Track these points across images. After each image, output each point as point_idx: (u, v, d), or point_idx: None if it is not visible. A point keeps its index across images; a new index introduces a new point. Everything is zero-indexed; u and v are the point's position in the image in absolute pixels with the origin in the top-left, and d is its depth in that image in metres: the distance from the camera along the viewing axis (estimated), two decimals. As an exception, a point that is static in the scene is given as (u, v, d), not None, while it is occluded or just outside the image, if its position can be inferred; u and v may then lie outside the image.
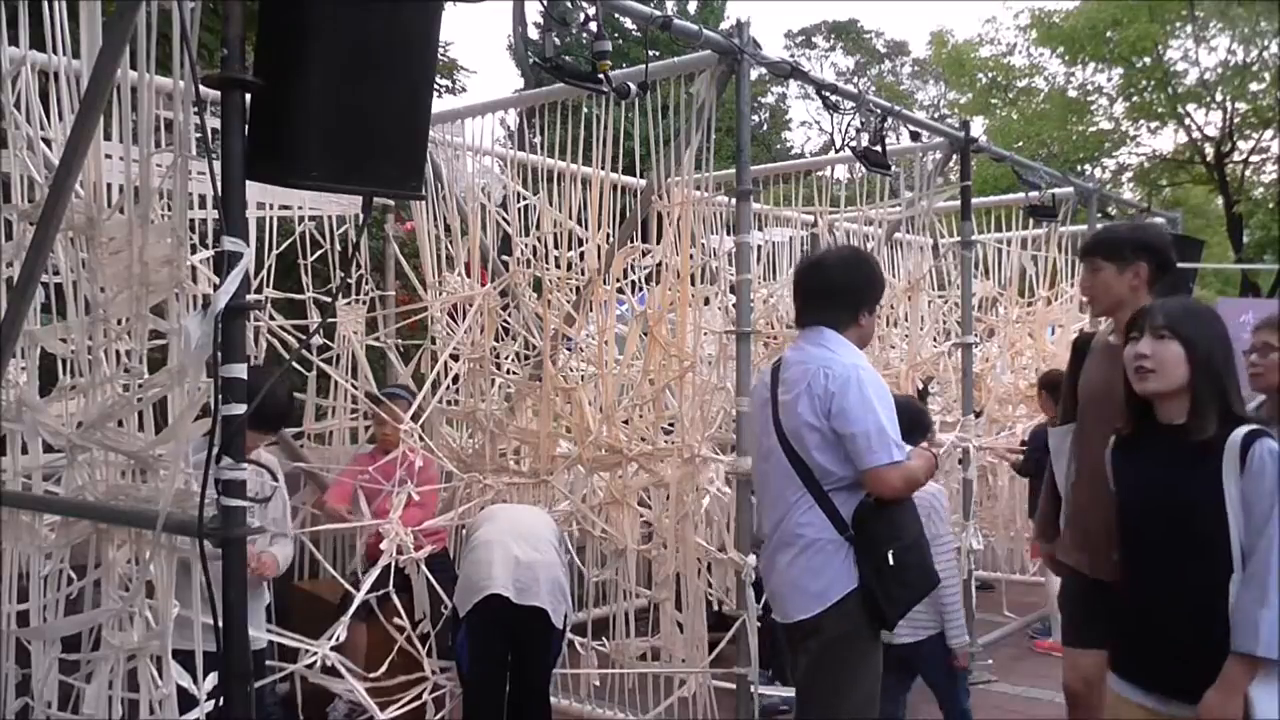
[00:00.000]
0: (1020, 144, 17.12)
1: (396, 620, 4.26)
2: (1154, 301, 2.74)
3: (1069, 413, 3.45)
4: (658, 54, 4.64)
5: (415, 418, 4.72)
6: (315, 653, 3.67)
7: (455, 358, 4.86)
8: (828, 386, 3.00)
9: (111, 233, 2.74)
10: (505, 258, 5.04)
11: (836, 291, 3.19)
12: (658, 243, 4.55)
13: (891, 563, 3.00)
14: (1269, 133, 17.03)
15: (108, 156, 2.92)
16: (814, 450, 3.04)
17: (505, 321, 4.93)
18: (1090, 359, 3.37)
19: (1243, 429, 2.40)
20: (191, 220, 4.06)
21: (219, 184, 2.17)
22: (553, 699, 4.28)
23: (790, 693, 4.81)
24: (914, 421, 3.70)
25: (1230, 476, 2.36)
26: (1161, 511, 2.50)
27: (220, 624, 2.15)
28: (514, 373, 4.92)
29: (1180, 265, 7.55)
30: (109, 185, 2.97)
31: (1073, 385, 3.46)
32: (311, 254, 5.30)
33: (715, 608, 4.52)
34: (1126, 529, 2.62)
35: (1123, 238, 3.31)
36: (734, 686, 4.05)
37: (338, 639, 3.78)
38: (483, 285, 4.92)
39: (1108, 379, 2.93)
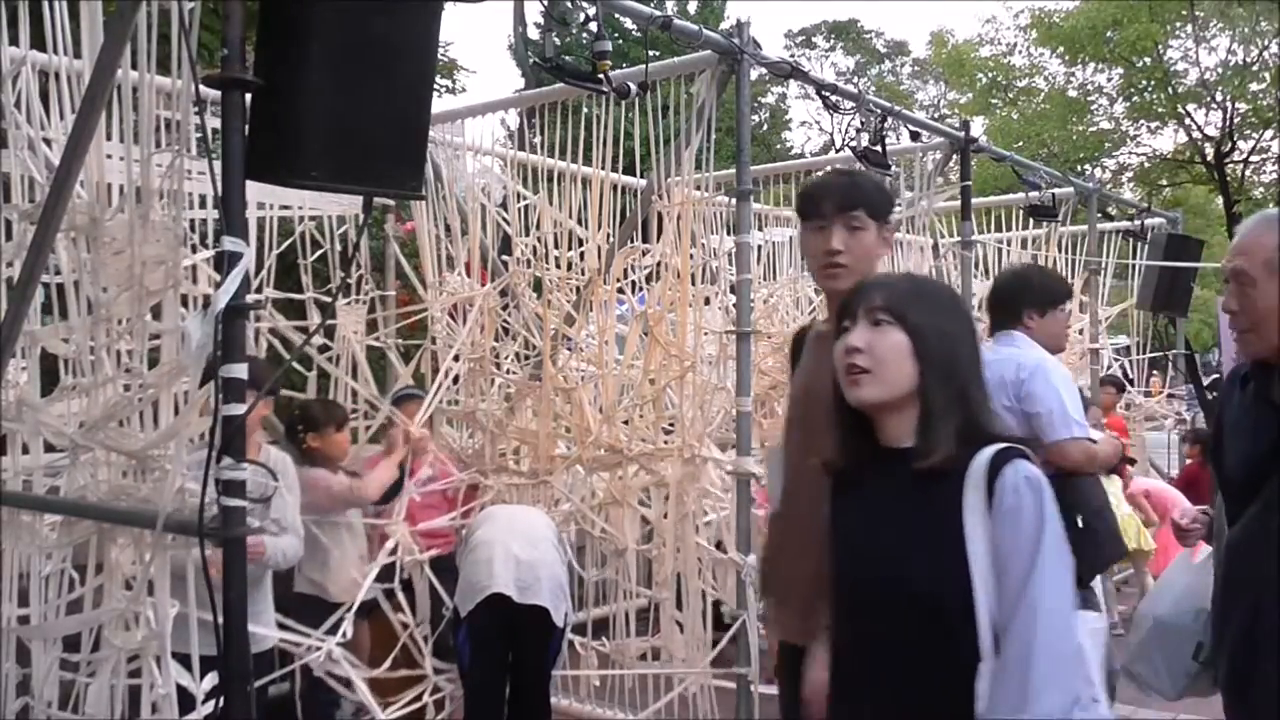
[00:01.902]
0: (1020, 144, 17.13)
1: (400, 616, 4.26)
2: (871, 278, 1.97)
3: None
4: (658, 54, 4.65)
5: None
6: (318, 650, 3.66)
7: (455, 358, 4.86)
8: (1018, 374, 3.40)
9: (114, 233, 2.75)
10: (505, 258, 5.05)
11: (1000, 300, 3.68)
12: (658, 243, 4.55)
13: (1080, 526, 3.34)
14: (1269, 133, 17.04)
15: (109, 156, 2.92)
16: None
17: (505, 321, 4.93)
18: (806, 356, 2.54)
19: (991, 449, 1.68)
20: (191, 220, 4.06)
21: (219, 184, 2.17)
22: (553, 699, 4.28)
23: None
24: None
25: (974, 514, 1.64)
26: (881, 575, 1.75)
27: (220, 623, 2.15)
28: (514, 373, 4.92)
29: (1180, 265, 7.61)
30: (110, 185, 2.97)
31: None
32: (311, 254, 5.30)
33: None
34: (840, 597, 1.87)
35: (882, 188, 2.54)
36: (734, 686, 4.05)
37: (343, 635, 3.78)
38: (483, 285, 4.93)
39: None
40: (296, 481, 3.64)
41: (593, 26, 3.63)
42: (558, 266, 4.83)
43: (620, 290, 4.72)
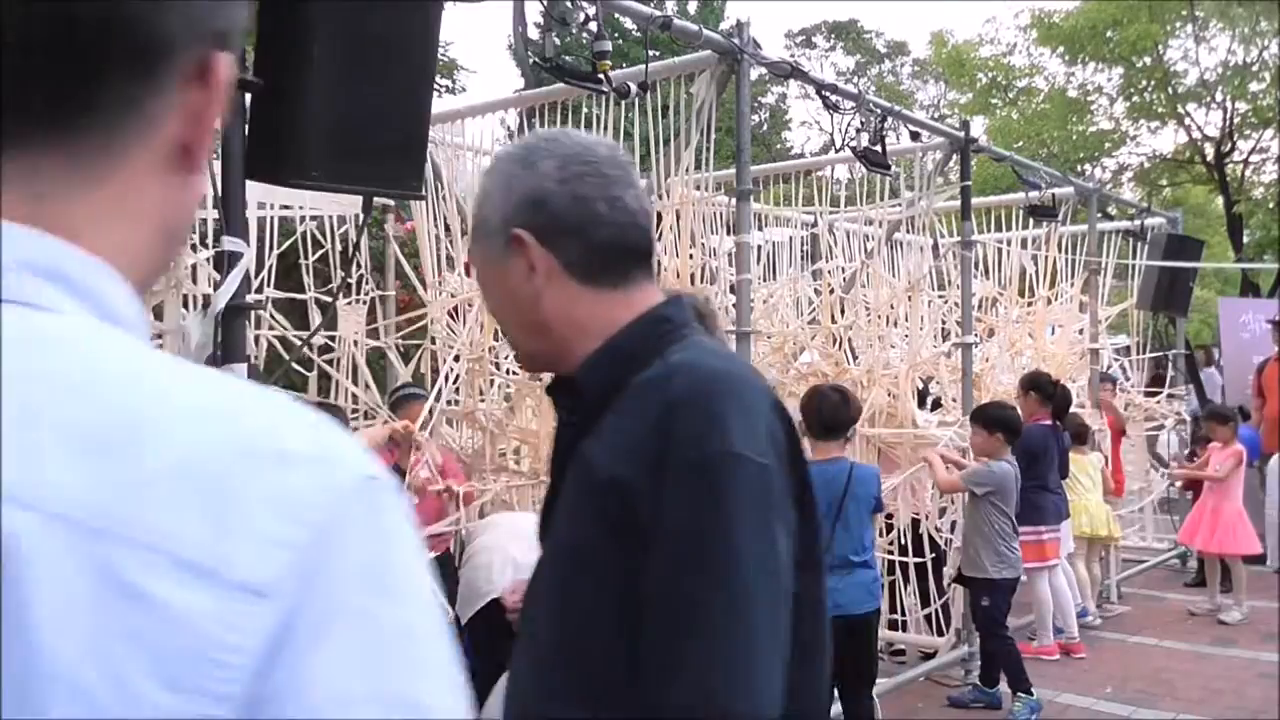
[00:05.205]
0: (1020, 144, 17.11)
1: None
2: None
3: None
4: (658, 54, 4.64)
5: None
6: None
7: (455, 358, 4.86)
8: None
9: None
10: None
11: None
12: (658, 242, 4.55)
13: None
14: (1269, 133, 17.03)
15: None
16: None
17: (505, 321, 4.92)
18: None
19: None
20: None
21: (219, 184, 2.17)
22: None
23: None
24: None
25: None
26: None
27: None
28: (514, 373, 4.92)
29: (1180, 265, 7.62)
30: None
31: None
32: (312, 254, 5.30)
33: None
34: None
35: None
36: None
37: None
38: (483, 285, 4.91)
39: None
40: None
41: (593, 26, 3.63)
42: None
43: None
